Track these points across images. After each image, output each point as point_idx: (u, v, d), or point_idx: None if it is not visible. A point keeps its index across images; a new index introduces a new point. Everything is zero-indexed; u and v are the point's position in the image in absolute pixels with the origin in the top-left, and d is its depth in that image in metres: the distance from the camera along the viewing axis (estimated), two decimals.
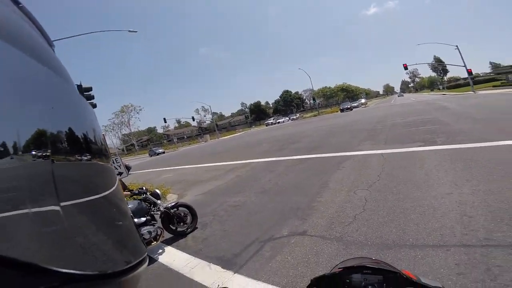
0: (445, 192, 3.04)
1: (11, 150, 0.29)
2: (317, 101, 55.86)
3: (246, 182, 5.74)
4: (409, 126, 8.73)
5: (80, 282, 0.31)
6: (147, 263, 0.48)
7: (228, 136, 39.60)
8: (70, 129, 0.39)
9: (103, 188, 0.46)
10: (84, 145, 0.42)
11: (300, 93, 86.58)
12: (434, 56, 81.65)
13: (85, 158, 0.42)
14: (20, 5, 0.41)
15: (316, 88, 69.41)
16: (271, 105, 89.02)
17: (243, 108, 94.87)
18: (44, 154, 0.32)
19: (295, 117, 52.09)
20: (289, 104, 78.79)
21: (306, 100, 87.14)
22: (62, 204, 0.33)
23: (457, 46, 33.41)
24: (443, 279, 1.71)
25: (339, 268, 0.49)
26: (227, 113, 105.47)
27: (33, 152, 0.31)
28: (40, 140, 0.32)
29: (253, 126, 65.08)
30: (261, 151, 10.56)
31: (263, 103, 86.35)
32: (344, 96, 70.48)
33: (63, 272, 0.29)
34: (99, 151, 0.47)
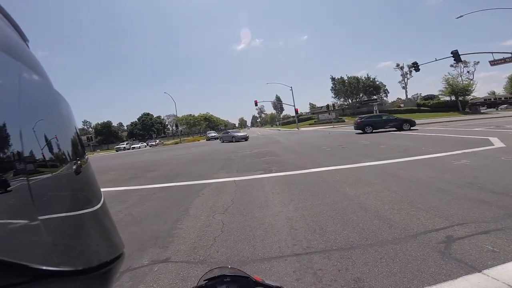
0: (278, 210, 3.80)
1: None
2: (180, 128, 55.55)
3: None
4: (254, 157, 10.56)
5: (53, 277, 0.30)
6: (123, 259, 0.45)
7: None
8: (46, 130, 0.36)
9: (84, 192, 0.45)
10: (62, 150, 0.40)
11: (162, 118, 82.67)
12: (276, 95, 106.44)
13: (64, 165, 0.39)
14: None
15: (180, 115, 69.34)
16: (126, 128, 78.22)
17: (85, 127, 76.54)
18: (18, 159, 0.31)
19: (154, 143, 48.32)
20: (149, 128, 72.48)
21: (169, 126, 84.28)
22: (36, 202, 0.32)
23: (291, 87, 44.66)
24: (288, 285, 2.01)
25: (204, 280, 0.54)
26: None
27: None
28: (11, 143, 0.30)
29: (98, 150, 53.70)
30: (108, 180, 8.74)
31: (115, 124, 74.15)
32: (206, 126, 75.01)
33: (35, 268, 0.28)
34: (78, 154, 0.44)
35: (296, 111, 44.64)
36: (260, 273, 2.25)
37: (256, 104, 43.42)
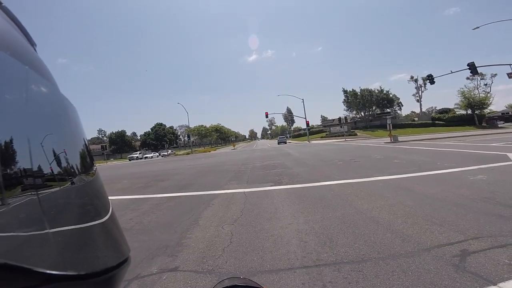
0: (288, 222, 3.80)
1: None
2: (192, 139, 56.49)
3: None
4: (264, 169, 10.58)
5: (60, 282, 0.31)
6: (129, 264, 0.46)
7: None
8: (54, 139, 0.37)
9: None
10: (70, 163, 0.40)
11: (175, 128, 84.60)
12: (287, 107, 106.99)
13: (72, 177, 0.40)
14: (2, 4, 0.40)
15: (192, 125, 70.59)
16: (139, 137, 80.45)
17: (100, 136, 79.38)
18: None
19: (166, 153, 49.35)
20: (161, 138, 74.23)
21: (181, 137, 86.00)
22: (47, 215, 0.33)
23: (302, 100, 44.62)
24: None
25: None
26: None
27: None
28: (19, 153, 0.30)
29: (112, 159, 55.26)
30: (120, 188, 8.99)
31: (129, 133, 76.46)
32: (217, 137, 75.91)
33: (41, 272, 0.29)
34: (86, 165, 0.44)
35: (307, 123, 44.39)
36: (269, 285, 2.25)
37: (266, 116, 43.81)
